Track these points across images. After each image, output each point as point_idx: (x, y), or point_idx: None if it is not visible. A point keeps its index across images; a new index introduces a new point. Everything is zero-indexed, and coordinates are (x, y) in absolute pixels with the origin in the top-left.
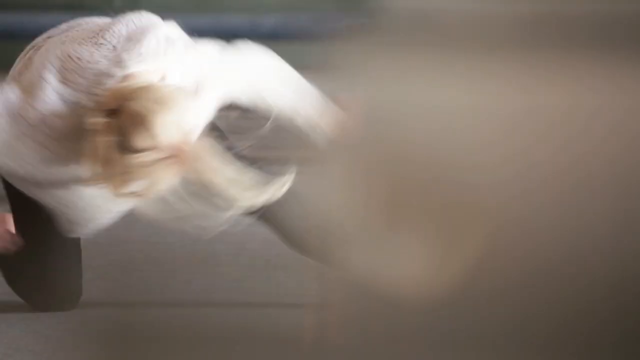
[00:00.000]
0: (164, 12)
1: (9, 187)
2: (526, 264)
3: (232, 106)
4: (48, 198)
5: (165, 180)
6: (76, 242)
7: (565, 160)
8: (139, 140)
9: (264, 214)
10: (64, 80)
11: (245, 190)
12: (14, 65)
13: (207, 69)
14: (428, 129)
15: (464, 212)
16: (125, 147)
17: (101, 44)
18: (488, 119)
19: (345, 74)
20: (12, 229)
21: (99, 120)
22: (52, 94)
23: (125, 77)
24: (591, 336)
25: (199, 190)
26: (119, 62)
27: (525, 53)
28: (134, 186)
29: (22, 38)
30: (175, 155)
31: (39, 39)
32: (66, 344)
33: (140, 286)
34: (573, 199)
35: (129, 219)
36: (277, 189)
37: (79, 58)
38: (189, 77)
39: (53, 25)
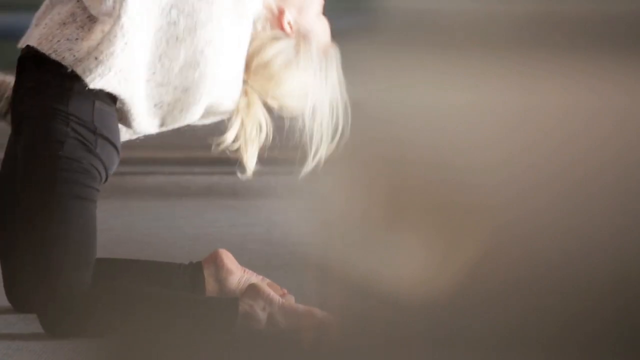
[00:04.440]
0: None
1: None
2: (526, 264)
3: None
4: None
5: None
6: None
7: (565, 160)
8: None
9: None
10: None
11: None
12: None
13: None
14: (428, 129)
15: (463, 212)
16: None
17: None
18: (488, 119)
19: (345, 74)
20: None
21: None
22: None
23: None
24: (591, 336)
25: None
26: None
27: (525, 53)
28: None
29: (21, 38)
30: None
31: None
32: (66, 344)
33: None
34: (573, 199)
35: (129, 220)
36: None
37: None
38: None
39: None
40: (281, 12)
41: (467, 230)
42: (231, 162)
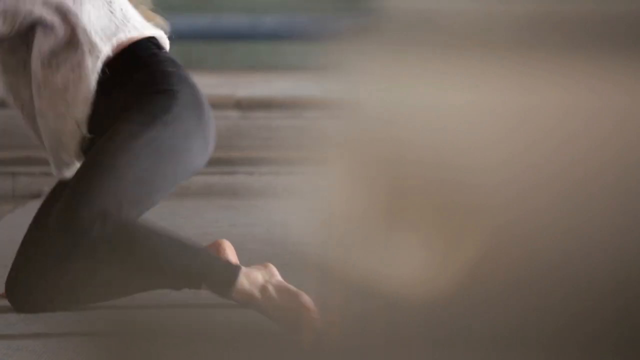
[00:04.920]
0: (164, 11)
1: None
2: (526, 264)
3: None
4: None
5: None
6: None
7: (565, 160)
8: None
9: None
10: None
11: None
12: None
13: None
14: (428, 129)
15: (464, 212)
16: None
17: None
18: (488, 119)
19: (345, 74)
20: None
21: None
22: None
23: None
24: (591, 336)
25: None
26: None
27: (525, 53)
28: None
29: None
30: None
31: None
32: (66, 344)
33: None
34: (573, 199)
35: None
36: None
37: None
38: None
39: None
40: None
41: (467, 230)
42: (231, 162)
